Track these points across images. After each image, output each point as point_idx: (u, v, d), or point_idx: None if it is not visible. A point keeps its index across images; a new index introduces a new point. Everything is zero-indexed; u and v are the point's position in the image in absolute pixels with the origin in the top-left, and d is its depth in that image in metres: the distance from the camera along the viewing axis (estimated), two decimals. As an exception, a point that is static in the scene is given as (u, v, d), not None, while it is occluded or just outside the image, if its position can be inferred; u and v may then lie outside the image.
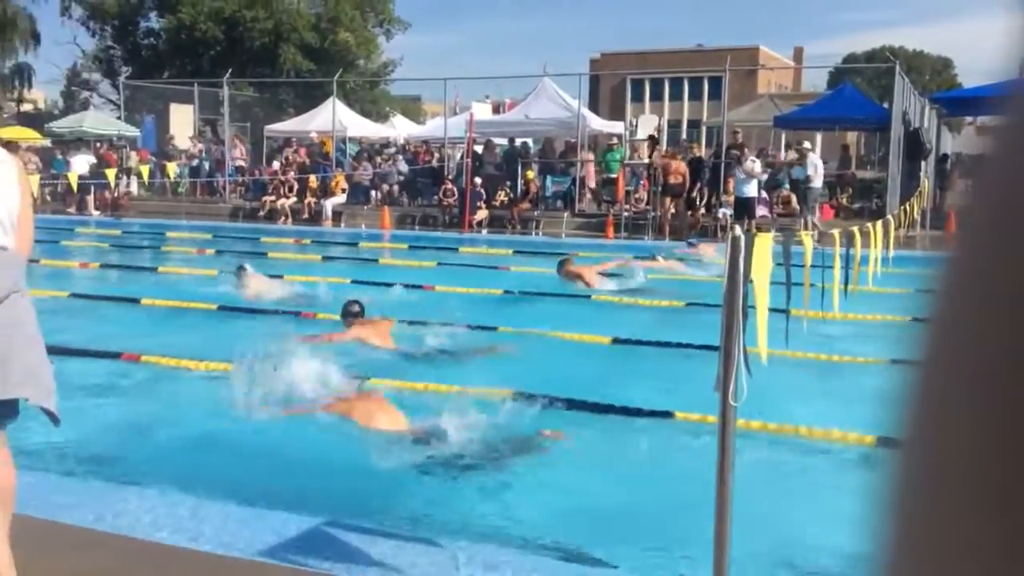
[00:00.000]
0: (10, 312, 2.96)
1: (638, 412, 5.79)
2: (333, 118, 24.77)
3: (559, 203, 21.51)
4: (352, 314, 7.83)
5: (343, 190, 22.12)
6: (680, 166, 18.69)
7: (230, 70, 26.54)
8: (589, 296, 10.69)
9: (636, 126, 20.49)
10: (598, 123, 25.33)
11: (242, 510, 3.98)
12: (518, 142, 23.70)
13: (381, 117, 34.02)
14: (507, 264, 13.95)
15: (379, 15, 36.58)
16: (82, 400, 6.04)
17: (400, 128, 30.53)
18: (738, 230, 3.14)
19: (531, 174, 20.65)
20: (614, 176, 20.17)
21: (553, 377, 6.77)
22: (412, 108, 41.42)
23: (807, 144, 19.17)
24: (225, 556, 3.44)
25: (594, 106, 33.89)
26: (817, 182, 18.14)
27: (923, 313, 0.33)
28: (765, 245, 3.29)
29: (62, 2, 38.29)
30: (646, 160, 19.67)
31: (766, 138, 29.08)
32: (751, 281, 3.16)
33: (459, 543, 3.73)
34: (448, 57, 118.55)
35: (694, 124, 46.17)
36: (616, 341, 8.10)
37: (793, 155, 20.69)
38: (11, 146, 12.59)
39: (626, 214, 19.25)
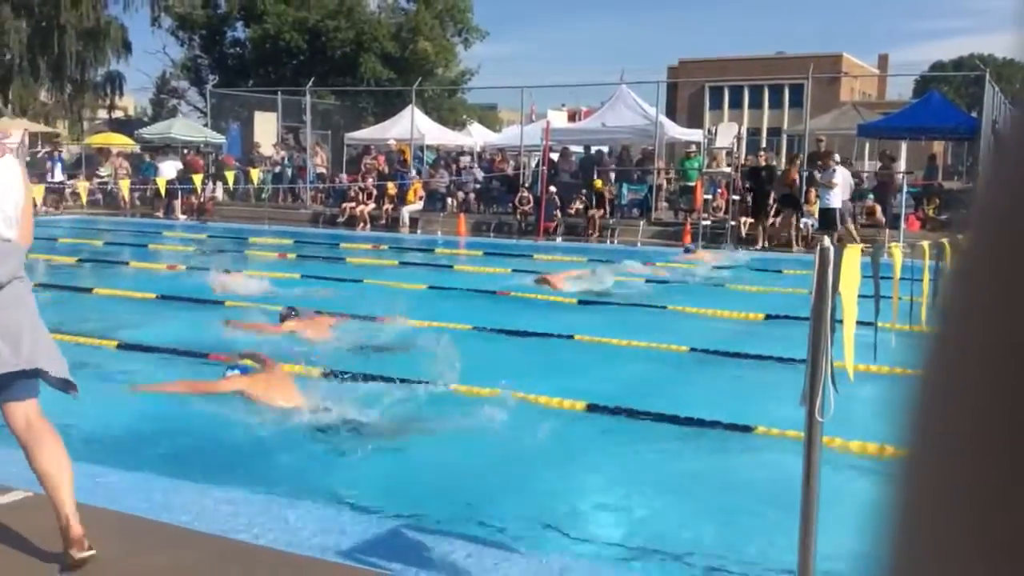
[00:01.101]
0: (15, 294, 3.34)
1: (713, 424, 5.69)
2: (411, 126, 25.07)
3: (635, 211, 21.37)
4: (285, 316, 8.35)
5: (420, 197, 22.38)
6: (793, 171, 18.56)
7: (312, 79, 27.10)
8: (664, 307, 10.58)
9: (715, 134, 20.21)
10: (676, 131, 25.11)
11: (333, 512, 4.04)
12: (594, 150, 23.64)
13: (458, 125, 34.32)
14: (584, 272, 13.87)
15: (458, 24, 36.93)
16: (170, 400, 6.21)
17: (477, 136, 30.75)
18: (827, 241, 3.06)
19: (599, 183, 20.51)
20: (691, 184, 19.95)
21: (632, 387, 6.72)
22: (488, 116, 41.72)
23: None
24: (313, 558, 3.49)
25: (671, 114, 33.62)
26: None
27: (936, 306, 0.33)
28: (853, 257, 3.20)
29: (152, 12, 39.68)
30: (725, 169, 19.41)
31: (849, 148, 28.40)
32: (838, 294, 3.07)
33: (546, 551, 3.72)
34: (524, 65, 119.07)
35: (774, 132, 45.36)
36: (693, 350, 8.01)
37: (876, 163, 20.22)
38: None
39: (705, 223, 18.99)
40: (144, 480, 4.41)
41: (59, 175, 24.16)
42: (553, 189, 20.56)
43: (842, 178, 17.57)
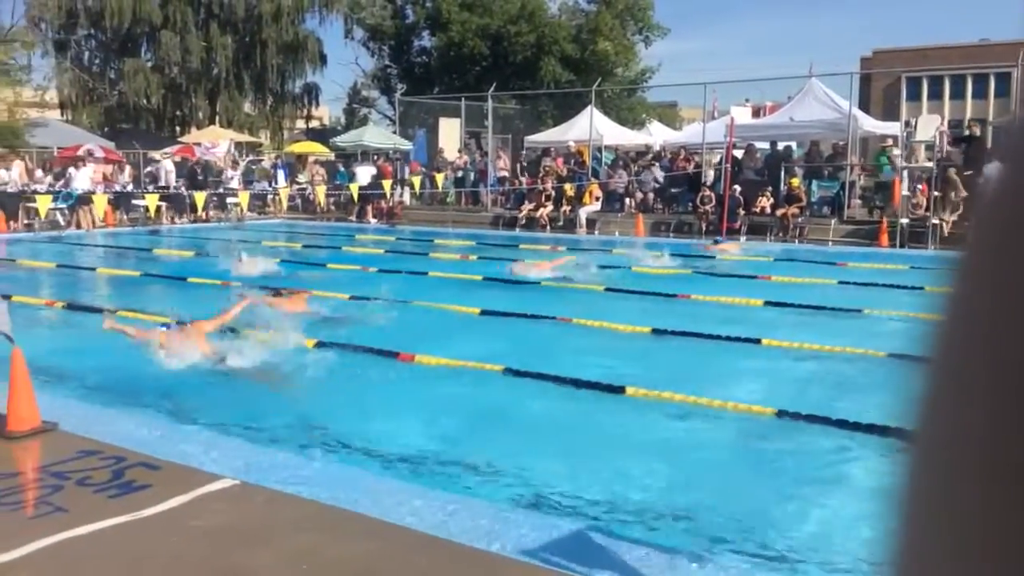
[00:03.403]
0: None
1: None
2: (590, 127, 25.06)
3: (826, 209, 20.39)
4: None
5: (596, 198, 22.32)
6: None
7: (494, 84, 27.64)
8: (861, 311, 10.02)
9: (916, 127, 18.95)
10: (870, 124, 23.78)
11: (525, 514, 4.07)
12: (781, 145, 22.76)
13: (637, 124, 34.01)
14: (767, 273, 13.39)
15: (639, 23, 36.59)
16: (359, 396, 6.47)
17: (656, 134, 30.35)
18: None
19: (796, 181, 19.72)
20: (888, 180, 18.80)
21: (822, 392, 6.39)
22: (669, 114, 41.10)
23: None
24: (498, 554, 3.51)
25: (864, 107, 31.87)
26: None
27: (940, 307, 0.33)
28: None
29: (345, 25, 41.77)
30: (926, 164, 18.17)
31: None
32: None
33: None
34: (705, 61, 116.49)
35: (978, 124, 42.10)
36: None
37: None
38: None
39: (904, 222, 17.82)
40: (342, 471, 4.59)
41: (282, 181, 25.85)
42: (737, 188, 19.96)
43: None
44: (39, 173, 23.03)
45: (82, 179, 21.24)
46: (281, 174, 26.57)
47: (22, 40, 32.90)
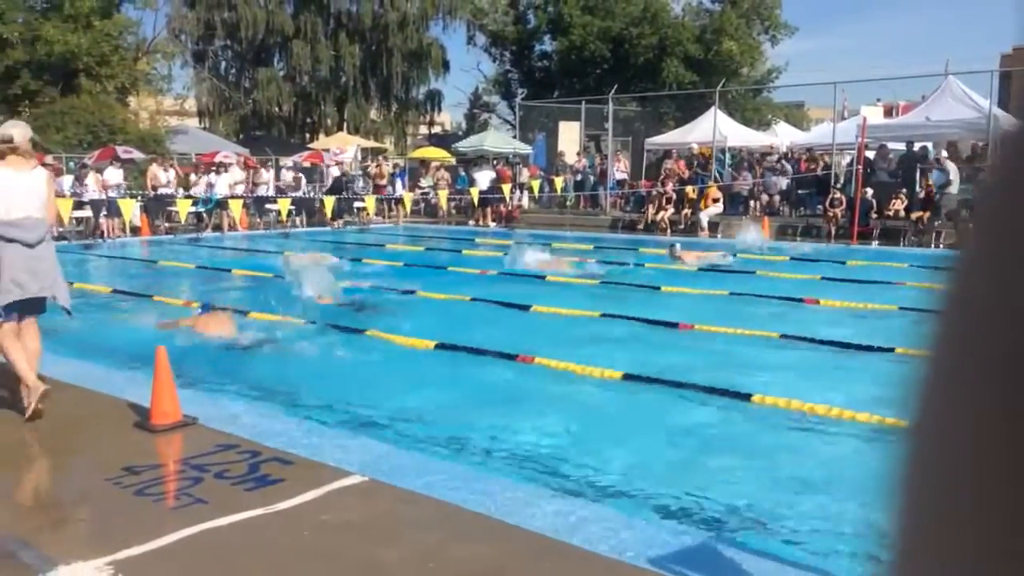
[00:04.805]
0: (46, 248, 5.73)
1: None
2: (714, 128, 24.61)
3: (964, 213, 19.38)
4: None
5: (714, 200, 21.87)
6: None
7: (615, 86, 27.48)
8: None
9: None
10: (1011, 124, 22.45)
11: (654, 523, 4.02)
12: (916, 146, 21.78)
13: (763, 125, 33.20)
14: (903, 279, 12.81)
15: (765, 22, 35.73)
16: (480, 398, 6.52)
17: (783, 135, 29.55)
18: None
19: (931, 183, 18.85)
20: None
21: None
22: (795, 114, 39.91)
23: (944, 153, 19.82)
24: (623, 562, 3.47)
25: (1004, 106, 30.14)
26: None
27: (934, 308, 0.34)
28: None
29: (468, 32, 42.42)
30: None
31: None
32: None
33: None
34: (834, 60, 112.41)
35: None
36: None
37: None
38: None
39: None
40: (467, 472, 4.63)
41: (399, 189, 26.49)
42: (868, 190, 19.20)
43: None
44: (192, 177, 24.33)
45: (222, 184, 22.30)
46: (398, 182, 27.08)
47: (163, 51, 34.78)
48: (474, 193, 24.81)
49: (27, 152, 5.78)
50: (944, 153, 20.34)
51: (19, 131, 5.77)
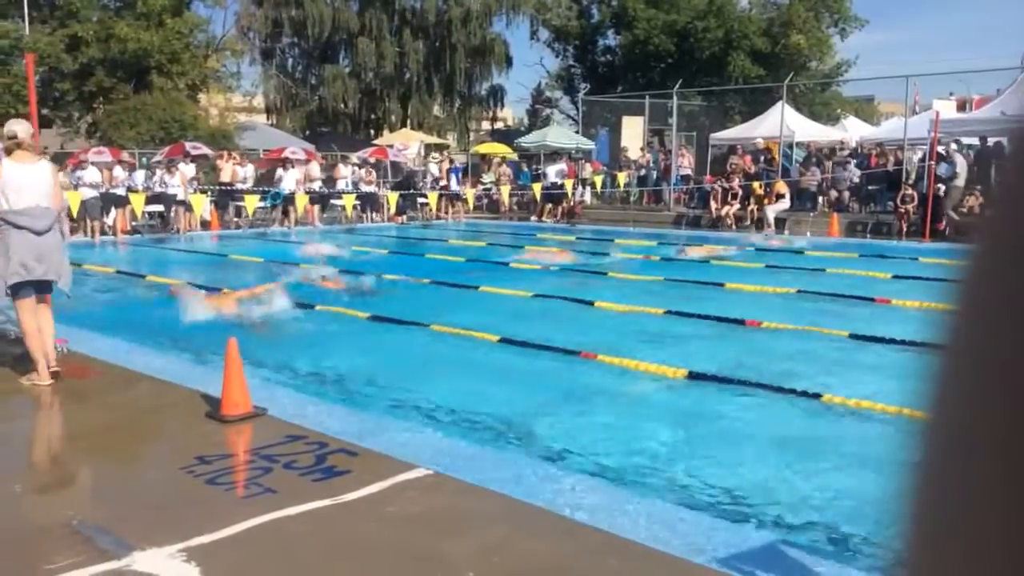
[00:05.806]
0: (53, 235, 6.26)
1: None
2: (781, 123, 24.19)
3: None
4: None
5: (779, 196, 21.48)
6: None
7: (680, 81, 27.19)
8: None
9: None
10: (1096, 117, 21.62)
11: (722, 523, 3.98)
12: (991, 141, 21.10)
13: (832, 119, 32.53)
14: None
15: (834, 15, 34.99)
16: (543, 393, 6.52)
17: (852, 130, 28.91)
18: None
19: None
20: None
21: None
22: (865, 108, 39.04)
23: (953, 145, 19.96)
24: (691, 562, 3.44)
25: (1090, 97, 29.01)
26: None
27: (950, 301, 0.34)
28: None
29: (531, 27, 42.39)
30: None
31: None
32: None
33: None
34: (905, 53, 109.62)
35: None
36: None
37: None
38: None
39: None
40: (531, 467, 4.64)
41: (455, 186, 26.58)
42: (942, 187, 18.68)
43: None
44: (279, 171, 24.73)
45: (289, 180, 22.67)
46: (454, 177, 27.03)
47: (232, 49, 35.50)
48: (536, 188, 24.79)
49: (31, 147, 6.39)
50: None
51: (23, 128, 6.36)
